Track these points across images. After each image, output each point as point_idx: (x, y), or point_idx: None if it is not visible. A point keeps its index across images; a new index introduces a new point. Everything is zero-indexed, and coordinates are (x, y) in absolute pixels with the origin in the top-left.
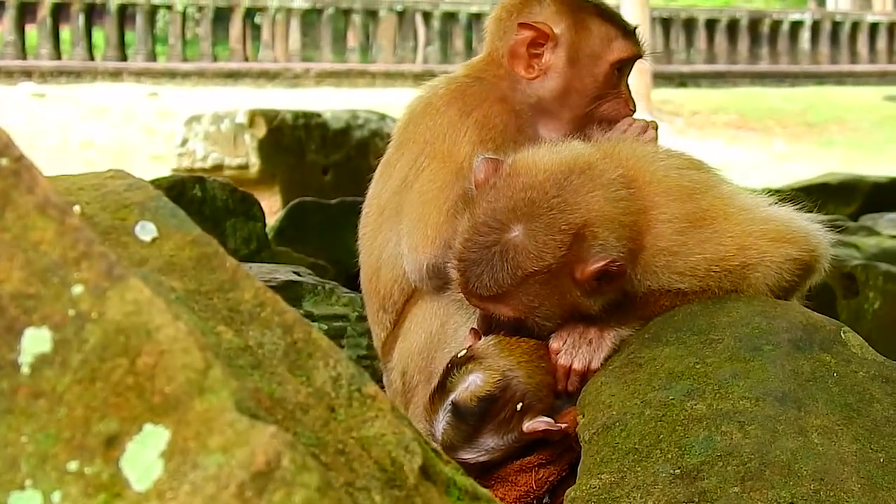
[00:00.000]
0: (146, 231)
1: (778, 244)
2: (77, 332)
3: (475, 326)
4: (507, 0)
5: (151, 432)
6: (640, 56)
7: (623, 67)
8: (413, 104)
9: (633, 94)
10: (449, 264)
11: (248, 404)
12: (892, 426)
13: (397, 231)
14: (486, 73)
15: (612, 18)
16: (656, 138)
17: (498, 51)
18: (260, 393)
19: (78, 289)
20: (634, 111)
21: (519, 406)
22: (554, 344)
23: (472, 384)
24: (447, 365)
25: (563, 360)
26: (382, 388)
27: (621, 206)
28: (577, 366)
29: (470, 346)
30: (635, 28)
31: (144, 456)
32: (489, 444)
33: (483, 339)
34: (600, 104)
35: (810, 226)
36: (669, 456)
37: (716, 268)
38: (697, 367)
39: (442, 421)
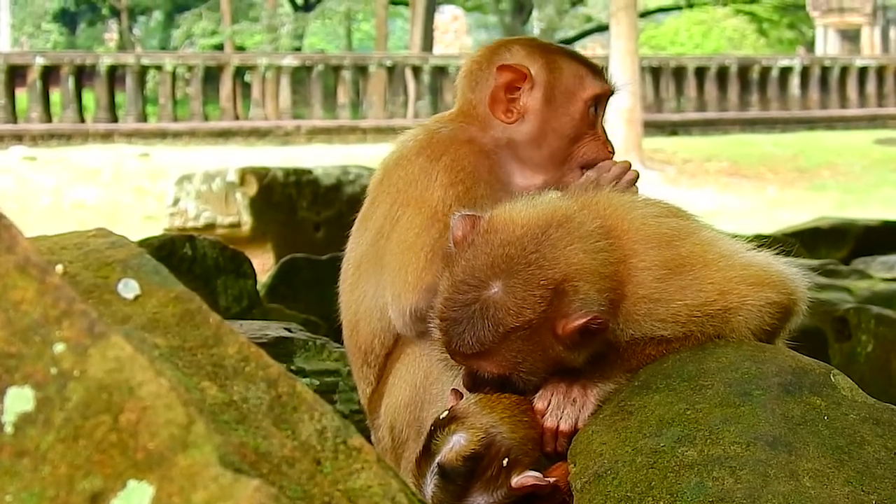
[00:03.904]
0: (129, 288)
1: (758, 288)
2: (59, 390)
3: (456, 387)
4: (476, 53)
5: (136, 489)
6: (611, 93)
7: (597, 106)
8: (386, 158)
9: (626, 144)
10: (431, 324)
11: (231, 458)
12: (883, 468)
13: (374, 283)
14: (455, 121)
15: (582, 58)
16: (637, 178)
17: (470, 102)
18: (245, 447)
19: (60, 347)
20: (613, 153)
21: (505, 461)
22: (538, 405)
23: (456, 444)
24: (430, 427)
25: (549, 423)
26: (371, 443)
27: (601, 257)
28: (563, 427)
29: (451, 407)
30: (603, 67)
31: None
32: (479, 503)
33: (465, 398)
34: (579, 146)
35: (788, 270)
36: (661, 503)
37: (697, 313)
38: (688, 413)
39: (430, 484)
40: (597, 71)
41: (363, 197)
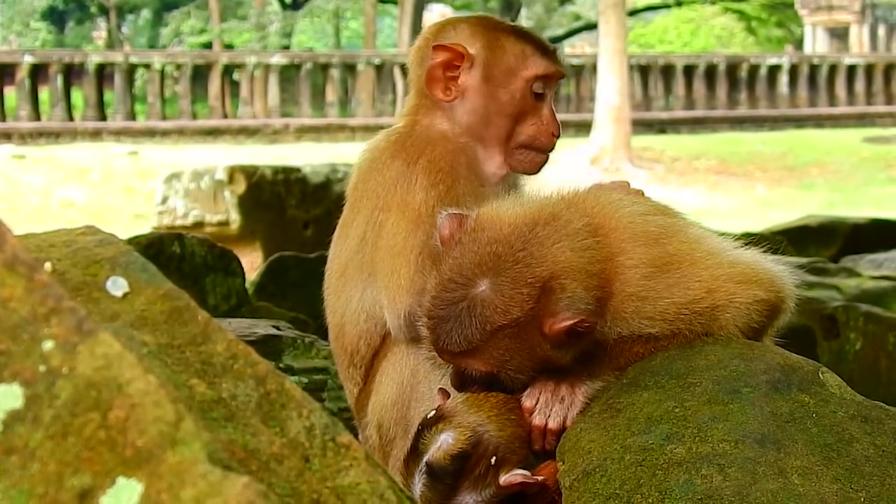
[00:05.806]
0: (117, 286)
1: (745, 286)
2: (48, 387)
3: (443, 386)
4: (427, 30)
5: (125, 486)
6: (561, 75)
7: (544, 88)
8: (359, 163)
9: (614, 143)
10: (419, 322)
11: (220, 456)
12: (872, 465)
13: (361, 288)
14: (419, 113)
15: (530, 38)
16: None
17: (420, 78)
18: (234, 444)
19: (48, 344)
20: (558, 136)
21: (493, 460)
22: (527, 403)
23: (443, 443)
24: (418, 427)
25: (537, 421)
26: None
27: (588, 255)
28: (552, 425)
29: (439, 406)
30: (555, 48)
31: None
32: (468, 502)
33: (452, 397)
34: (520, 127)
35: (775, 267)
36: (650, 500)
37: (685, 311)
38: (676, 410)
39: (419, 483)
40: (547, 51)
41: None
